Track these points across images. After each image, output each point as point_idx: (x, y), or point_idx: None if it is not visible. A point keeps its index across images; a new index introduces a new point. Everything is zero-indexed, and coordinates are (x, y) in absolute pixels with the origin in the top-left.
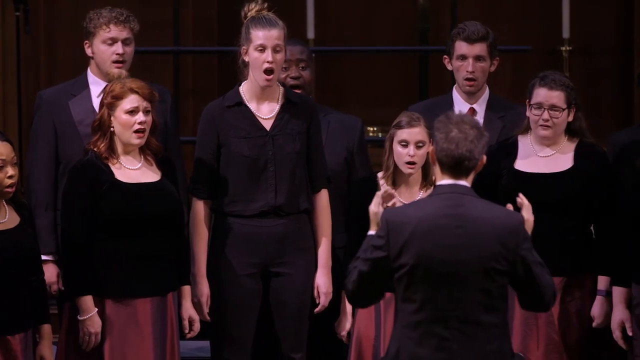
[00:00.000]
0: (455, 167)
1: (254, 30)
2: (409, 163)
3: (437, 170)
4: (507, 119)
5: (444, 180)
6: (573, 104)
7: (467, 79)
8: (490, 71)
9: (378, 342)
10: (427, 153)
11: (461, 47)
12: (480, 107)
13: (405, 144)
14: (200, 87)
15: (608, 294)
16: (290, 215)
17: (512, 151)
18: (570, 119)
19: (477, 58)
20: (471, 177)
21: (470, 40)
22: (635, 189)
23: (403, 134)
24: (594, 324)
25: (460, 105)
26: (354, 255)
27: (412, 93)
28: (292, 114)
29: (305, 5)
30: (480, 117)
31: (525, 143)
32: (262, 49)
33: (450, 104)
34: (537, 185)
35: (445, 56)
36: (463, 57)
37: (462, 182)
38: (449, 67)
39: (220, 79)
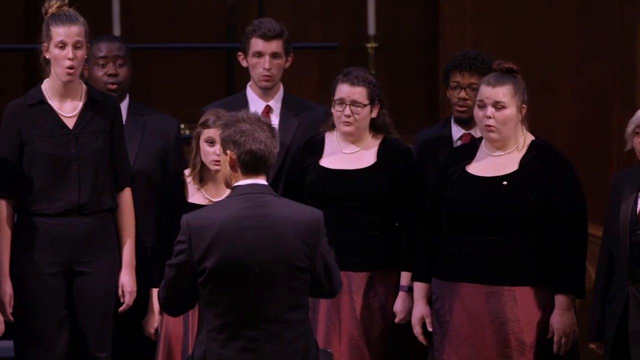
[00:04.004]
0: (259, 166)
1: (54, 27)
2: (216, 161)
3: (235, 173)
4: (303, 117)
5: (243, 181)
6: (376, 100)
7: (264, 75)
8: (285, 67)
9: (186, 340)
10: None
11: (257, 44)
12: (275, 105)
13: (211, 142)
14: (6, 85)
15: (410, 290)
16: (94, 213)
17: (318, 148)
18: (374, 115)
19: (274, 55)
20: (266, 175)
21: (267, 38)
22: (438, 185)
23: (210, 132)
24: (396, 320)
25: (256, 102)
26: (161, 253)
27: (220, 90)
28: (95, 112)
29: (110, 1)
30: (276, 115)
31: (331, 140)
32: (62, 45)
33: (245, 101)
34: (341, 182)
35: (240, 53)
36: (259, 54)
37: (262, 181)
38: (244, 64)
39: (26, 77)
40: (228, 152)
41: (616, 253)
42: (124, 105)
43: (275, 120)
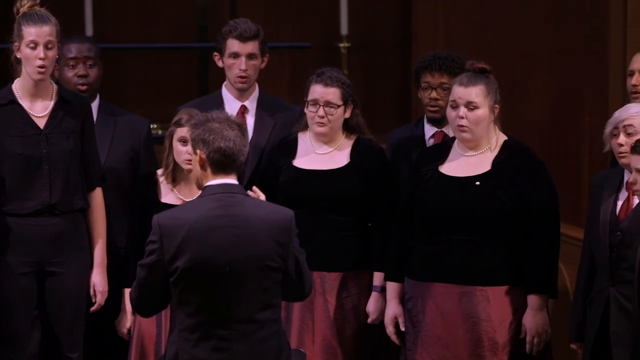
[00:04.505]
0: (230, 165)
1: (25, 27)
2: (189, 160)
3: (205, 172)
4: (279, 117)
5: (214, 180)
6: (350, 101)
7: (240, 76)
8: (261, 68)
9: (159, 340)
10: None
11: (233, 45)
12: (251, 105)
13: (184, 141)
14: None
15: (383, 290)
16: (65, 213)
17: (291, 148)
18: (347, 115)
19: (250, 56)
20: (237, 174)
21: (243, 39)
22: (411, 184)
23: (182, 131)
24: (369, 320)
25: (231, 102)
26: (134, 253)
27: (193, 90)
28: (66, 112)
29: (82, 2)
30: (251, 115)
31: (304, 140)
32: (34, 45)
33: (220, 101)
34: (315, 182)
35: (215, 53)
36: (235, 55)
37: (232, 181)
38: (220, 64)
39: None
40: (198, 151)
41: (596, 254)
42: (94, 106)
43: (250, 120)
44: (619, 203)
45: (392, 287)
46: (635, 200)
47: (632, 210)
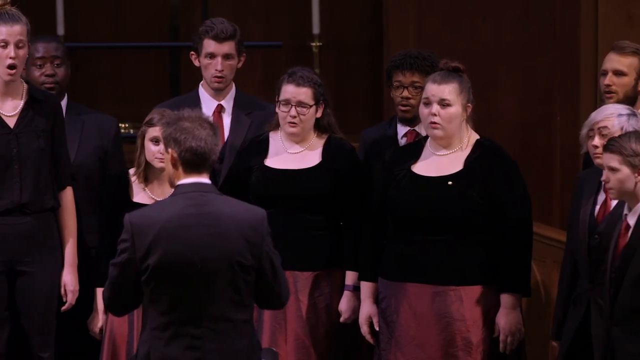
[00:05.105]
0: (201, 164)
1: None
2: (161, 159)
3: (177, 171)
4: (255, 116)
5: (186, 179)
6: (321, 100)
7: (216, 77)
8: (238, 67)
9: (131, 339)
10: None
11: (210, 45)
12: (227, 104)
13: (156, 141)
14: None
15: (355, 289)
16: (35, 213)
17: (263, 148)
18: (319, 115)
19: (226, 56)
20: (209, 173)
21: (219, 39)
22: (384, 184)
23: (154, 131)
24: (341, 319)
25: (208, 102)
26: (107, 254)
27: (164, 89)
28: (36, 111)
29: (54, 1)
30: (228, 114)
31: (275, 140)
32: (4, 44)
33: (197, 101)
34: (286, 182)
35: (192, 52)
36: (212, 55)
37: (205, 180)
38: (196, 64)
39: None
40: (170, 150)
41: (577, 256)
42: (62, 105)
43: (227, 119)
44: (597, 206)
45: (366, 287)
46: (613, 203)
47: (609, 213)
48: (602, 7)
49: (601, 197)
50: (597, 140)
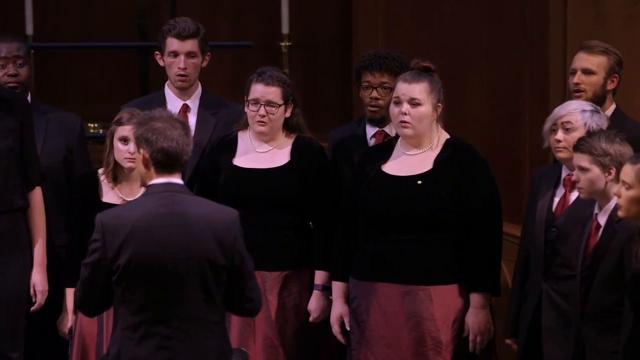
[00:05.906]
0: (173, 164)
1: None
2: (130, 159)
3: (149, 171)
4: (221, 116)
5: (158, 179)
6: (290, 100)
7: (180, 75)
8: (202, 66)
9: (101, 339)
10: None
11: (172, 43)
12: (193, 104)
13: (125, 140)
14: None
15: (325, 289)
16: (4, 213)
17: (231, 147)
18: (288, 114)
19: (189, 54)
20: (181, 173)
21: (182, 37)
22: (354, 184)
23: (124, 130)
24: (310, 319)
25: (173, 101)
26: (76, 254)
27: (133, 89)
28: (4, 111)
29: (23, 1)
30: (193, 114)
31: (244, 139)
32: None
33: (163, 100)
34: (254, 181)
35: (156, 52)
36: (175, 54)
37: (176, 180)
38: (161, 63)
39: None
40: (141, 150)
41: (531, 250)
42: None
43: (192, 119)
44: (556, 199)
45: (337, 287)
46: (572, 197)
47: (568, 207)
48: (571, 6)
49: (560, 192)
50: (560, 134)
